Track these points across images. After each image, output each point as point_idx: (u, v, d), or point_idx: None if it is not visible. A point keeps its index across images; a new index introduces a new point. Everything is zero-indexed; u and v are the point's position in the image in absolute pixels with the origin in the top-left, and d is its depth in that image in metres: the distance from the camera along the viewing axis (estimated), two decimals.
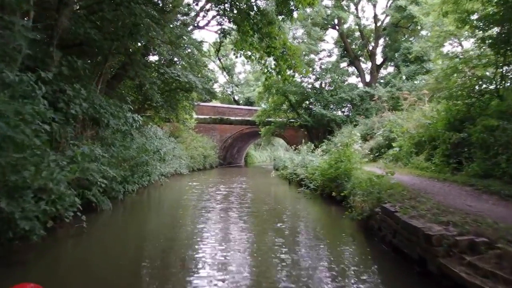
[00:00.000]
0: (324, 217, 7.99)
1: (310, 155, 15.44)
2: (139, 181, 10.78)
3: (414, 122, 11.79)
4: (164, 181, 12.62)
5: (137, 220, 7.34)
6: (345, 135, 18.29)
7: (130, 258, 4.86)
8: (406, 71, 19.27)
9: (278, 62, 10.19)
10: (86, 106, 8.18)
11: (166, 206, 9.55)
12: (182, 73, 16.09)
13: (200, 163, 22.40)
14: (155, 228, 6.70)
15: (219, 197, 9.97)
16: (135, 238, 5.83)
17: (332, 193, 9.42)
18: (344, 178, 9.07)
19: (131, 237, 5.94)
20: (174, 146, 14.43)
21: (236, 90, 45.12)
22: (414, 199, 5.23)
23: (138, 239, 5.79)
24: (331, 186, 9.64)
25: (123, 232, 6.31)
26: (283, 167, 18.36)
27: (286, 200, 10.24)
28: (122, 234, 6.14)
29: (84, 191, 6.35)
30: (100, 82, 11.55)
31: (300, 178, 13.23)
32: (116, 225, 6.76)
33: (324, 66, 23.24)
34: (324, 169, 10.64)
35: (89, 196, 6.40)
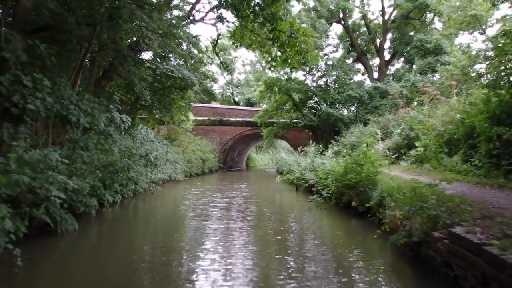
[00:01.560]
0: (348, 236, 6.30)
1: (320, 157, 13.86)
2: (123, 190, 9.22)
3: (441, 118, 10.21)
4: (155, 190, 11.04)
5: (105, 248, 5.56)
6: (356, 135, 16.78)
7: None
8: (422, 63, 17.70)
9: (284, 48, 8.63)
10: (51, 101, 6.63)
11: (151, 225, 7.29)
12: (176, 68, 14.55)
13: (198, 167, 20.82)
14: (125, 262, 4.90)
15: (216, 212, 8.16)
16: (95, 278, 4.20)
17: (352, 202, 7.83)
18: (368, 184, 7.48)
19: (92, 276, 4.23)
20: (166, 149, 12.84)
21: (236, 92, 43.63)
22: (490, 218, 3.64)
23: (99, 278, 4.17)
24: (350, 194, 8.05)
25: (81, 267, 4.43)
26: (288, 171, 16.78)
27: (296, 212, 8.60)
28: (79, 272, 4.26)
29: (32, 210, 4.76)
30: (79, 77, 10.05)
31: (310, 183, 11.66)
32: (72, 255, 4.94)
33: (329, 62, 21.70)
34: (340, 173, 9.06)
35: (39, 215, 4.81)
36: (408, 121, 12.03)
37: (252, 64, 44.78)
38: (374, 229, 6.24)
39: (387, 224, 5.42)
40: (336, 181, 9.33)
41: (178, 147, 19.96)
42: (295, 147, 26.35)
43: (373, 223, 6.46)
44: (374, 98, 21.05)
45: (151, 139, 12.55)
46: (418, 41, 18.91)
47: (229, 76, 44.00)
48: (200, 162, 21.44)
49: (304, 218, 7.80)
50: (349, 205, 8.17)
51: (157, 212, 8.64)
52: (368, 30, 25.13)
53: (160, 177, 12.47)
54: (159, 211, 8.85)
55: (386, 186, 6.76)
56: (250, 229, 6.47)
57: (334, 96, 21.01)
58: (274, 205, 9.54)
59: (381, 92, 21.03)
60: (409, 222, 4.64)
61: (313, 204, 8.94)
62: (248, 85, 41.96)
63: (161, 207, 9.43)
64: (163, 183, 14.27)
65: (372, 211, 6.78)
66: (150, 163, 11.95)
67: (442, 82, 12.99)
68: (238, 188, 13.14)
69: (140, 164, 10.38)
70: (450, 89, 12.26)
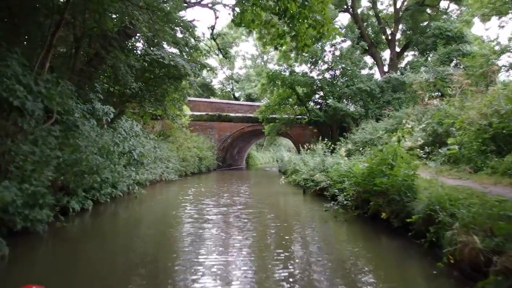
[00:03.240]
0: (392, 269, 4.40)
1: (331, 156, 12.18)
2: (96, 195, 7.53)
3: (481, 109, 8.51)
4: (139, 193, 9.34)
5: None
6: (368, 132, 15.09)
7: None
8: (445, 51, 15.97)
9: (294, 23, 6.90)
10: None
11: (117, 249, 5.23)
12: (167, 55, 12.84)
13: (194, 166, 19.12)
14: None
15: (207, 230, 5.97)
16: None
17: (381, 213, 6.14)
18: (405, 191, 5.78)
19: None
20: (154, 145, 11.14)
21: (237, 87, 41.87)
22: None
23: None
24: (379, 202, 6.35)
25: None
26: (293, 171, 15.08)
27: (310, 226, 6.84)
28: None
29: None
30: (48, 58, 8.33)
31: (321, 186, 9.98)
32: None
33: (337, 52, 19.98)
34: (362, 175, 7.38)
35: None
36: (436, 114, 10.32)
37: (253, 59, 42.98)
38: (422, 256, 4.57)
39: (453, 254, 3.73)
40: (356, 184, 7.65)
41: (172, 144, 18.25)
42: (298, 145, 24.66)
43: (418, 245, 4.77)
44: (386, 91, 19.33)
45: (137, 133, 10.83)
46: (437, 29, 17.18)
47: (229, 71, 42.30)
48: (197, 160, 19.75)
49: (321, 235, 6.09)
50: (377, 216, 6.49)
51: (131, 227, 6.85)
52: (378, 20, 23.39)
53: (147, 177, 10.77)
54: (136, 224, 7.04)
55: (433, 194, 5.06)
56: (253, 259, 4.66)
57: (343, 89, 19.28)
58: (281, 216, 7.69)
59: (394, 85, 19.32)
60: (506, 259, 2.95)
61: (330, 213, 7.23)
62: (248, 80, 40.18)
63: (139, 219, 7.58)
64: (152, 184, 12.59)
65: (413, 227, 5.10)
66: (134, 161, 10.26)
67: (476, 70, 11.23)
68: (237, 192, 11.42)
69: (121, 162, 8.69)
70: (484, 78, 10.54)
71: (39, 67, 7.87)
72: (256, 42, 40.42)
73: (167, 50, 13.86)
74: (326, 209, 7.28)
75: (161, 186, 12.93)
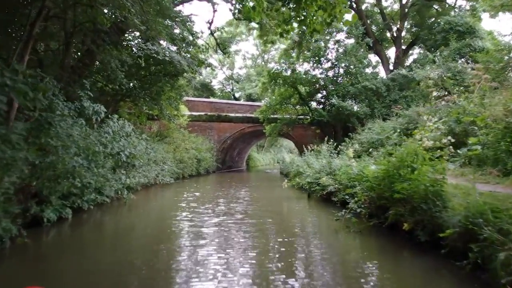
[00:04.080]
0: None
1: (337, 157, 11.34)
2: (77, 202, 6.68)
3: (508, 106, 7.66)
4: (128, 198, 8.48)
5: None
6: (376, 132, 14.23)
7: None
8: (458, 46, 15.10)
9: (301, 4, 6.06)
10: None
11: (96, 262, 4.48)
12: (162, 50, 12.00)
13: (192, 168, 18.28)
14: None
15: (204, 245, 4.97)
16: None
17: (403, 224, 5.28)
18: (433, 199, 4.92)
19: None
20: (146, 146, 10.29)
21: (237, 87, 41.04)
22: None
23: None
24: (400, 211, 5.49)
25: None
26: (296, 174, 14.22)
27: (320, 239, 5.92)
28: None
29: None
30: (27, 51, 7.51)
31: (328, 191, 9.12)
32: None
33: (341, 49, 19.12)
34: (377, 180, 6.54)
35: None
36: (453, 112, 9.47)
37: (253, 58, 42.16)
38: (461, 281, 3.71)
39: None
40: (370, 189, 6.80)
41: (169, 145, 17.40)
42: (300, 146, 23.76)
43: (455, 266, 3.91)
44: (393, 90, 18.48)
45: (128, 133, 9.99)
46: (447, 24, 16.34)
47: (229, 71, 41.50)
48: (195, 162, 18.90)
49: (333, 251, 5.22)
50: (396, 226, 5.64)
51: (111, 241, 5.95)
52: (382, 17, 22.56)
53: (138, 181, 9.92)
54: (117, 238, 6.13)
55: (472, 204, 4.20)
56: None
57: (347, 88, 18.42)
58: (286, 227, 6.67)
59: (401, 83, 18.47)
60: None
61: (341, 222, 6.35)
62: (249, 80, 39.34)
63: (124, 231, 6.66)
64: (146, 188, 11.74)
65: (446, 242, 4.25)
66: (124, 164, 9.42)
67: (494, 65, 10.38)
68: (237, 197, 10.53)
69: (106, 165, 7.83)
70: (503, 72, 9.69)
71: (18, 59, 7.08)
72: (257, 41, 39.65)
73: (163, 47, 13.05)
74: (337, 218, 6.41)
75: (155, 190, 12.09)
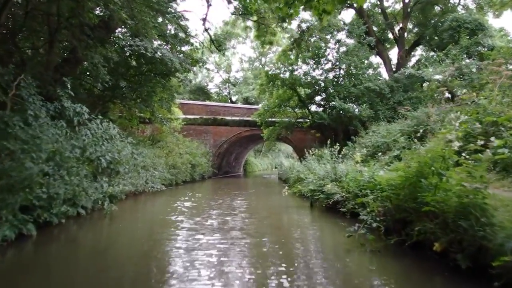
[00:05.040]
0: None
1: (342, 162, 10.40)
2: (43, 215, 5.67)
3: None
4: (108, 209, 7.46)
5: None
6: (382, 135, 13.32)
7: None
8: (466, 45, 14.25)
9: None
10: None
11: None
12: (150, 46, 11.06)
13: (186, 174, 17.26)
14: None
15: (192, 279, 3.84)
16: None
17: (434, 244, 4.32)
18: (475, 213, 3.96)
19: None
20: (132, 150, 9.29)
21: (233, 90, 40.14)
22: None
23: None
24: (429, 228, 4.52)
25: None
26: (297, 180, 13.26)
27: (329, 261, 4.91)
28: None
29: None
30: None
31: (334, 200, 8.15)
32: None
33: (343, 48, 18.27)
34: (394, 188, 5.59)
35: None
36: (472, 112, 8.56)
37: (250, 61, 41.29)
38: None
39: None
40: (386, 199, 5.85)
41: (161, 150, 16.41)
42: (299, 151, 22.81)
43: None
44: (397, 91, 17.62)
45: (111, 135, 9.00)
46: (454, 21, 15.50)
47: (225, 74, 40.59)
48: (189, 167, 17.88)
49: (347, 280, 4.24)
50: (422, 245, 4.68)
51: (78, 265, 4.97)
52: (384, 16, 21.77)
53: (122, 189, 8.90)
54: (87, 260, 5.12)
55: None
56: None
57: (349, 89, 17.52)
58: (289, 247, 5.49)
59: (405, 84, 17.62)
60: None
61: (354, 240, 5.37)
62: (246, 83, 38.44)
63: (97, 250, 5.60)
64: (133, 196, 10.73)
65: (499, 271, 3.29)
66: (106, 170, 8.42)
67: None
68: (233, 208, 9.50)
69: (82, 172, 6.83)
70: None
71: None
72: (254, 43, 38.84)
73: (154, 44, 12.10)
74: (349, 234, 5.43)
75: (144, 198, 11.06)
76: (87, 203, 6.92)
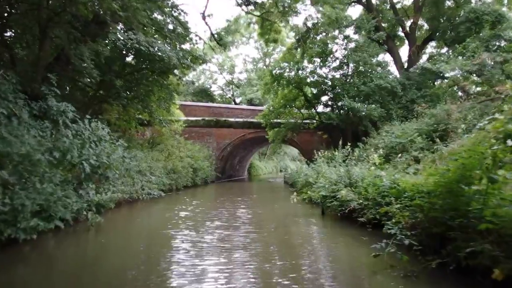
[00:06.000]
0: None
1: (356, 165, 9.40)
2: (5, 230, 4.75)
3: None
4: (93, 220, 6.51)
5: None
6: (396, 135, 12.28)
7: None
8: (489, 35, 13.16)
9: None
10: None
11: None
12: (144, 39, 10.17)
13: (187, 178, 16.32)
14: None
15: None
16: None
17: (493, 271, 3.31)
18: None
19: None
20: (122, 154, 8.34)
21: (237, 92, 39.27)
22: None
23: None
24: (483, 248, 3.52)
25: None
26: (305, 184, 12.27)
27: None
28: None
29: None
30: None
31: (351, 208, 7.14)
32: None
33: (351, 45, 17.26)
34: (427, 196, 4.60)
35: None
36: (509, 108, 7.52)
37: (254, 62, 40.43)
38: None
39: None
40: (417, 209, 4.84)
41: (160, 153, 15.50)
42: (306, 153, 21.81)
43: None
44: (409, 89, 16.60)
45: (100, 137, 8.09)
46: (472, 13, 14.43)
47: (229, 76, 39.77)
48: (190, 171, 16.94)
49: None
50: (472, 269, 3.67)
51: None
52: (394, 11, 20.76)
53: (112, 196, 7.96)
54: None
55: None
56: None
57: (359, 87, 16.51)
58: (302, 274, 4.71)
59: (418, 82, 16.61)
60: None
61: (382, 261, 4.37)
62: (250, 84, 37.55)
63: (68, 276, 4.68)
64: (129, 204, 9.80)
65: None
66: (93, 176, 7.50)
67: None
68: (235, 217, 8.46)
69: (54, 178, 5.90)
70: None
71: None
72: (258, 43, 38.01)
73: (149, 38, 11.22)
74: (375, 254, 4.42)
75: (138, 206, 10.11)
76: (65, 215, 5.97)
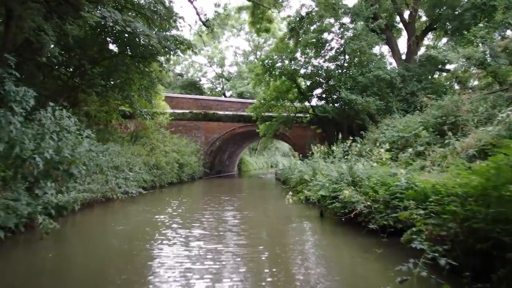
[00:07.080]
0: None
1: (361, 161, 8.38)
2: None
3: None
4: (45, 226, 5.33)
5: None
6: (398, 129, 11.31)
7: None
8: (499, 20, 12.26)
9: None
10: None
11: None
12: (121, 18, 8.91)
13: (172, 174, 15.15)
14: None
15: None
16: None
17: None
18: None
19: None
20: (89, 147, 7.11)
21: (227, 85, 38.00)
22: None
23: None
24: None
25: None
26: (299, 182, 11.23)
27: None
28: None
29: None
30: None
31: (356, 211, 6.10)
32: None
33: (348, 33, 16.23)
34: (463, 199, 3.57)
35: None
36: None
37: (245, 54, 39.14)
38: None
39: None
40: (449, 216, 3.81)
41: (142, 147, 14.28)
42: (299, 148, 20.76)
43: None
44: (409, 81, 15.66)
45: (63, 127, 6.88)
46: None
47: (219, 68, 38.45)
48: (176, 167, 15.77)
49: None
50: None
51: None
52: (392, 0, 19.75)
53: (76, 197, 6.77)
54: None
55: None
56: None
57: (357, 78, 15.49)
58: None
59: (418, 73, 15.71)
60: None
61: (411, 285, 3.33)
62: (240, 77, 36.30)
63: None
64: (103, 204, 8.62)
65: None
66: (53, 173, 6.31)
67: None
68: (223, 221, 7.36)
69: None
70: None
71: None
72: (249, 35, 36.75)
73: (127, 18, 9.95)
74: (403, 279, 3.34)
75: (112, 207, 8.92)
76: (8, 221, 4.79)
